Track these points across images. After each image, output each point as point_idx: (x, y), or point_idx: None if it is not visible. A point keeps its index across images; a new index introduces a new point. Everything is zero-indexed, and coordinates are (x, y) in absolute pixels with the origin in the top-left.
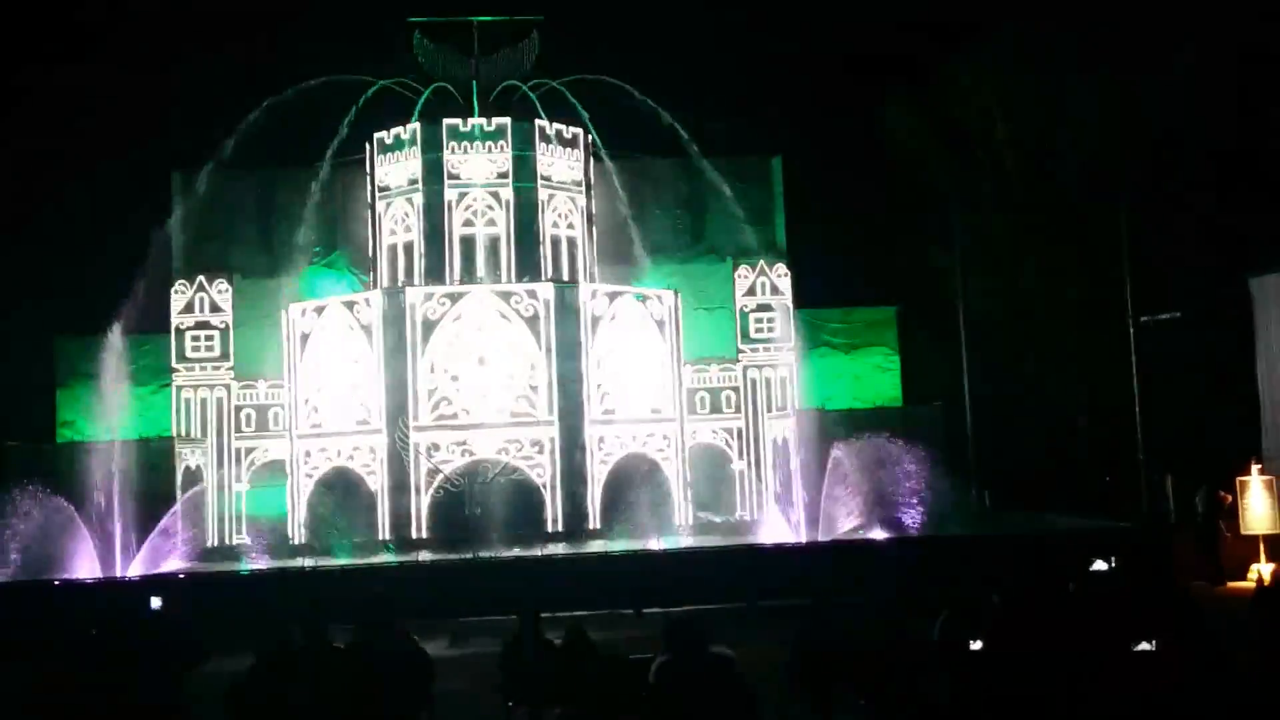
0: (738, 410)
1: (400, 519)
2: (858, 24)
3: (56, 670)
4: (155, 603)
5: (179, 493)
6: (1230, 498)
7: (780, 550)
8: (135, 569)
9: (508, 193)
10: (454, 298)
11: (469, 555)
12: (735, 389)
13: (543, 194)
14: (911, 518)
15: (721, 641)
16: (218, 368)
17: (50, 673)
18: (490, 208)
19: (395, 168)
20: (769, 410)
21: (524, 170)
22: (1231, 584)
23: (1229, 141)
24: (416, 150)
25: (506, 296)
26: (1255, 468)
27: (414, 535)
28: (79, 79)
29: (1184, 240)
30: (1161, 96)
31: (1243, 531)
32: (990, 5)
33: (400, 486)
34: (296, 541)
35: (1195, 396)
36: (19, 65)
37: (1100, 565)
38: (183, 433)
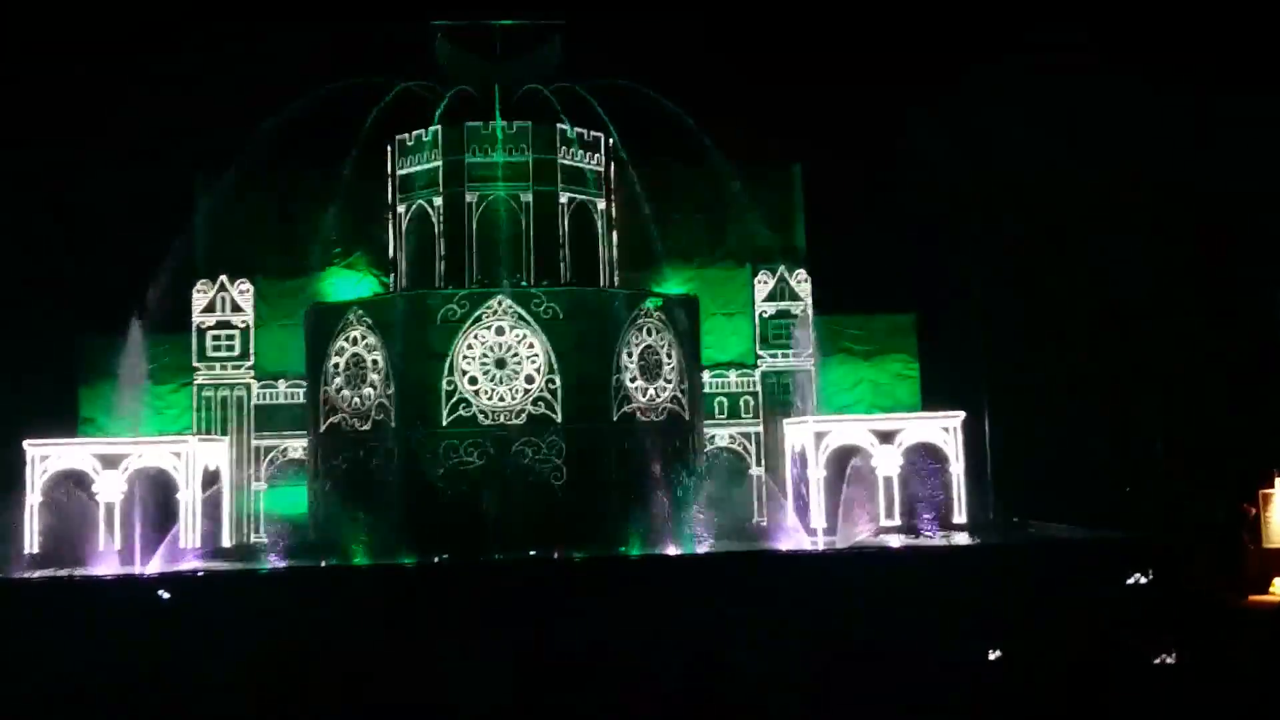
0: (756, 416)
1: (418, 520)
2: (881, 31)
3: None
4: (164, 595)
5: (198, 491)
6: (1254, 510)
7: (797, 557)
8: (154, 566)
9: (528, 195)
10: (474, 300)
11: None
12: (753, 394)
13: (563, 197)
14: (930, 526)
15: (736, 646)
16: (238, 367)
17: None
18: (511, 210)
19: (416, 170)
20: (787, 416)
21: (545, 173)
22: (1254, 597)
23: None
24: (438, 152)
25: (526, 299)
26: (1278, 480)
27: (431, 536)
28: (102, 79)
29: (1206, 247)
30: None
31: (1265, 544)
32: (1013, 15)
33: (419, 487)
34: (315, 541)
35: (1217, 406)
36: (43, 66)
37: (1139, 579)
38: (202, 431)
